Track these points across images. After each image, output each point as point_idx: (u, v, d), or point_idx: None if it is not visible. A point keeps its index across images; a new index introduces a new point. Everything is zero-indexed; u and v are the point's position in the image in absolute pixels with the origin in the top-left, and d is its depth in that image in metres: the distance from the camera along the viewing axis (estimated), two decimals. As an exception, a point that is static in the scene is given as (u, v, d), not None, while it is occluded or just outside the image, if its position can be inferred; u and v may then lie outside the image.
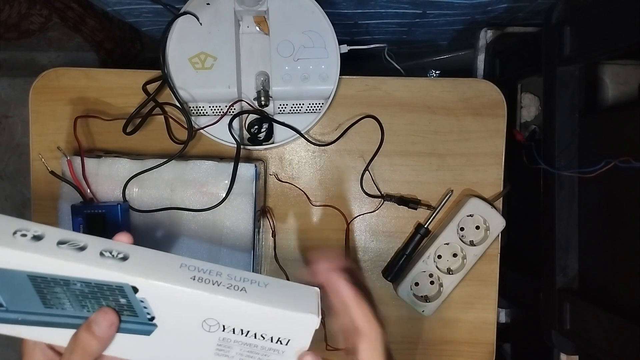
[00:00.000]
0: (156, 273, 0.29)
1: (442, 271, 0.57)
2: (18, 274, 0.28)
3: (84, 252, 0.29)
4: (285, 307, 0.29)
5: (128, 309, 0.30)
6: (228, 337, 0.30)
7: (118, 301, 0.29)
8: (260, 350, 0.31)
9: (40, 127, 0.57)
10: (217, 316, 0.29)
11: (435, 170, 0.58)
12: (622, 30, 0.44)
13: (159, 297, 0.29)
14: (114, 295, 0.29)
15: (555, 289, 0.54)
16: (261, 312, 0.29)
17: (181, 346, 0.31)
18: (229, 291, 0.29)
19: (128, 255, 0.29)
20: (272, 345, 0.31)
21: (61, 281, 0.28)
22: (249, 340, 0.30)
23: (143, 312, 0.30)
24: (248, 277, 0.31)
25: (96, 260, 0.28)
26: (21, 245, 0.28)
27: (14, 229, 0.29)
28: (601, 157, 0.47)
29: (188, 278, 0.29)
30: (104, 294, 0.29)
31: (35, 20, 0.84)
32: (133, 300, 0.29)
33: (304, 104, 0.55)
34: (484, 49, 0.71)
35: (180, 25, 0.52)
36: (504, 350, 0.74)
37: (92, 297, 0.29)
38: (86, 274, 0.28)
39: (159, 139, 0.57)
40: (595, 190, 0.51)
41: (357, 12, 0.67)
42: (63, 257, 0.28)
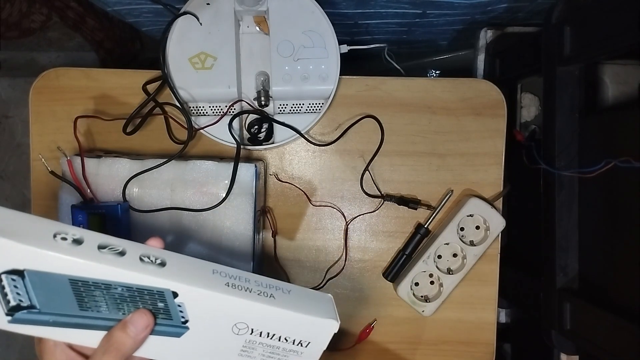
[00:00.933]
0: (195, 279, 0.30)
1: (442, 271, 0.56)
2: (59, 277, 0.28)
3: (124, 257, 0.29)
4: (310, 313, 0.32)
5: (164, 313, 0.31)
6: (254, 340, 0.32)
7: (156, 305, 0.31)
8: (282, 351, 0.33)
9: (40, 127, 0.58)
10: (247, 320, 0.32)
11: (435, 170, 0.58)
12: (622, 30, 0.44)
13: (196, 302, 0.31)
14: (153, 299, 0.30)
15: (555, 289, 0.54)
16: (289, 317, 0.32)
17: (208, 348, 0.33)
18: (260, 297, 0.31)
19: (165, 261, 0.30)
20: (293, 347, 0.33)
21: (102, 285, 0.29)
22: (272, 342, 0.33)
23: (178, 315, 0.31)
24: (272, 284, 0.33)
25: (138, 266, 0.29)
26: (64, 249, 0.28)
27: (53, 232, 0.29)
28: (601, 157, 0.47)
29: (223, 284, 0.31)
30: (144, 298, 0.30)
31: (36, 18, 0.84)
32: (171, 304, 0.30)
33: (304, 104, 0.55)
34: (484, 49, 0.71)
35: (180, 25, 0.52)
36: (504, 351, 0.74)
37: (130, 301, 0.30)
38: (130, 280, 0.29)
39: (159, 139, 0.57)
40: (595, 190, 0.51)
41: (357, 12, 0.67)
42: (107, 262, 0.29)
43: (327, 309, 0.33)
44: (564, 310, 0.52)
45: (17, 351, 1.21)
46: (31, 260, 0.28)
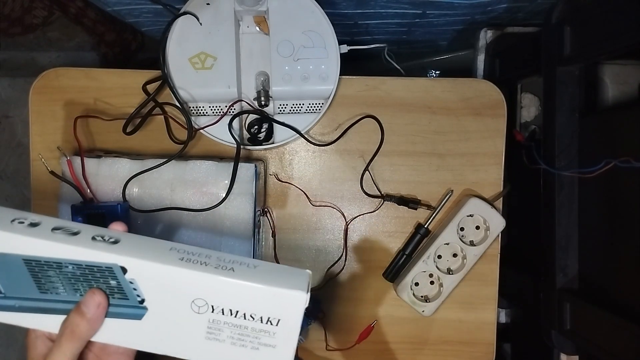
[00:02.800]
0: (144, 254, 0.29)
1: (442, 271, 0.56)
2: (14, 258, 0.29)
3: (76, 237, 0.30)
4: (272, 284, 0.29)
5: (119, 292, 0.30)
6: (218, 319, 0.30)
7: (109, 283, 0.30)
8: (251, 332, 0.31)
9: (40, 127, 0.58)
10: (205, 295, 0.30)
11: (435, 170, 0.58)
12: (622, 30, 0.44)
13: (147, 278, 0.30)
14: (104, 277, 0.30)
15: (555, 289, 0.54)
16: (248, 290, 0.29)
17: (172, 331, 0.31)
18: (217, 270, 0.29)
19: (119, 240, 0.30)
20: (262, 327, 0.30)
21: (54, 264, 0.29)
22: (238, 321, 0.30)
23: (133, 294, 0.30)
24: (237, 260, 0.31)
25: (87, 243, 0.29)
26: (17, 230, 0.29)
27: (13, 217, 0.30)
28: (601, 157, 0.47)
29: (176, 259, 0.29)
30: (95, 275, 0.30)
31: (38, 14, 0.83)
32: (122, 281, 0.30)
33: (304, 104, 0.55)
34: (484, 49, 0.71)
35: (180, 25, 0.52)
36: (504, 351, 0.74)
37: (83, 279, 0.30)
38: (77, 256, 0.29)
39: (159, 139, 0.57)
40: (595, 190, 0.51)
41: (357, 12, 0.67)
42: (55, 240, 0.29)
43: (296, 281, 0.30)
44: (563, 310, 0.52)
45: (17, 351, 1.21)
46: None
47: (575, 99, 0.52)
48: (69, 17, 0.85)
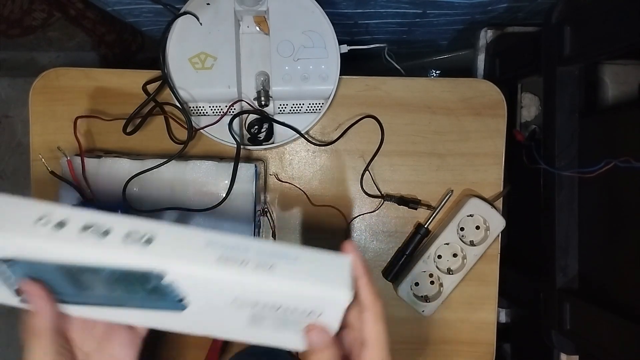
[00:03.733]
0: (181, 256, 0.28)
1: (442, 271, 0.56)
2: (48, 264, 0.28)
3: (107, 238, 0.28)
4: (315, 284, 0.28)
5: (156, 293, 0.29)
6: (259, 313, 0.30)
7: (146, 286, 0.29)
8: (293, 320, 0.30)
9: (40, 127, 0.57)
10: (245, 296, 0.29)
11: (435, 170, 0.58)
12: (622, 30, 0.44)
13: (186, 280, 0.28)
14: (141, 281, 0.28)
15: (555, 289, 0.54)
16: (290, 290, 0.28)
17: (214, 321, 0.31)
18: (256, 270, 0.28)
19: (153, 238, 0.28)
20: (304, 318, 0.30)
21: (90, 269, 0.28)
22: (280, 314, 0.30)
23: (171, 295, 0.29)
24: (277, 251, 0.29)
25: (120, 247, 0.28)
26: (44, 235, 0.27)
27: (37, 216, 0.28)
28: (601, 157, 0.47)
29: (214, 259, 0.28)
30: (131, 280, 0.28)
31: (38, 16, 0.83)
32: (159, 285, 0.28)
33: (304, 104, 0.55)
34: (484, 49, 0.71)
35: (180, 25, 0.52)
36: (504, 350, 0.74)
37: (120, 282, 0.29)
38: (112, 263, 0.28)
39: (159, 139, 0.57)
40: (595, 190, 0.51)
41: (357, 12, 0.67)
42: (86, 245, 0.27)
43: (339, 276, 0.29)
44: (563, 310, 0.52)
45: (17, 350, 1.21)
46: (16, 249, 0.27)
47: (575, 98, 0.52)
48: (69, 19, 0.85)
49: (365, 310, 0.31)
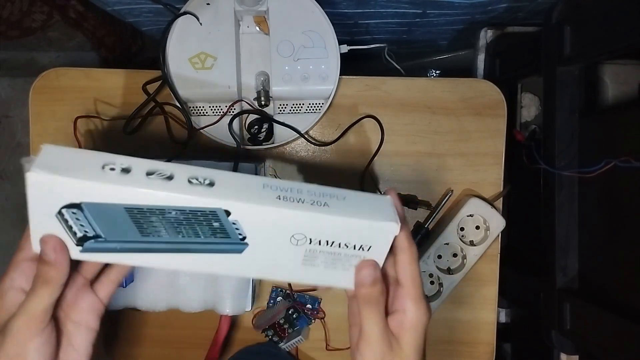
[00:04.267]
0: (245, 196, 0.30)
1: (442, 271, 0.56)
2: (115, 207, 0.29)
3: (173, 181, 0.30)
4: (367, 218, 0.31)
5: (221, 232, 0.31)
6: (314, 249, 0.32)
7: (211, 225, 0.31)
8: (344, 257, 0.33)
9: (40, 127, 0.57)
10: (304, 231, 0.31)
11: (435, 170, 0.58)
12: (622, 30, 0.44)
13: (250, 218, 0.31)
14: (207, 220, 0.31)
15: (555, 289, 0.54)
16: (345, 224, 0.31)
17: (271, 261, 0.33)
18: (314, 207, 0.31)
19: (214, 181, 0.31)
20: (354, 252, 0.33)
21: (157, 211, 0.30)
22: (333, 249, 0.33)
23: (235, 233, 0.31)
24: (326, 192, 0.32)
25: (187, 188, 0.30)
26: (113, 179, 0.29)
27: (102, 163, 0.29)
28: (601, 157, 0.47)
29: (274, 198, 0.31)
30: (198, 219, 0.31)
31: (37, 17, 0.84)
32: (226, 223, 0.31)
33: (304, 104, 0.55)
34: (484, 49, 0.71)
35: (180, 25, 0.52)
36: (504, 351, 0.74)
37: (186, 223, 0.31)
38: (181, 203, 0.30)
39: (159, 139, 0.57)
40: (595, 190, 0.51)
41: (357, 12, 0.67)
42: (153, 187, 0.29)
43: (386, 212, 0.32)
44: (563, 310, 0.52)
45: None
46: (85, 193, 0.29)
47: (575, 98, 0.52)
48: (69, 22, 0.85)
49: (401, 253, 0.34)
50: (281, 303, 0.58)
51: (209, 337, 0.54)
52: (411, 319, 0.34)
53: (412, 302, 0.34)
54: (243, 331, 0.58)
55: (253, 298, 0.52)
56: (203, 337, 0.56)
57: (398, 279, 0.34)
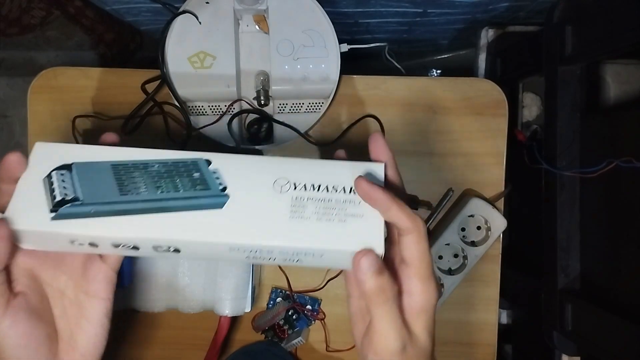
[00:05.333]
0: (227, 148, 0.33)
1: (443, 272, 0.56)
2: (103, 165, 0.32)
3: None
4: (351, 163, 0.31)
5: (201, 183, 0.32)
6: (300, 196, 0.31)
7: (192, 176, 0.32)
8: (336, 204, 0.31)
9: (38, 126, 0.57)
10: (286, 174, 0.31)
11: (435, 170, 0.58)
12: (623, 29, 0.44)
13: (230, 166, 0.32)
14: (188, 170, 0.32)
15: (556, 290, 0.53)
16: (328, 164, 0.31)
17: (254, 216, 0.31)
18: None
19: None
20: (347, 197, 0.31)
21: (141, 165, 0.32)
22: (321, 195, 0.31)
23: (215, 183, 0.32)
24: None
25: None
26: None
27: None
28: (603, 157, 0.47)
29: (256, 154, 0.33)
30: (179, 170, 0.32)
31: (36, 14, 0.83)
32: (206, 172, 0.32)
33: (304, 104, 0.55)
34: (485, 48, 0.71)
35: (179, 24, 0.52)
36: (505, 352, 0.74)
37: (167, 176, 0.32)
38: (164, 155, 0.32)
39: (157, 139, 0.56)
40: (597, 190, 0.51)
41: (357, 11, 0.67)
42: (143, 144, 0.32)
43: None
44: (565, 311, 0.52)
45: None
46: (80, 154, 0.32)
47: (576, 98, 0.52)
48: (68, 17, 0.85)
49: (407, 233, 0.30)
50: (281, 304, 0.57)
51: (208, 338, 0.53)
52: (421, 302, 0.30)
53: (421, 283, 0.30)
54: (242, 332, 0.58)
55: (252, 299, 0.52)
56: (202, 338, 0.56)
57: (403, 256, 0.31)
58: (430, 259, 0.31)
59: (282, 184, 0.31)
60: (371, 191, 0.30)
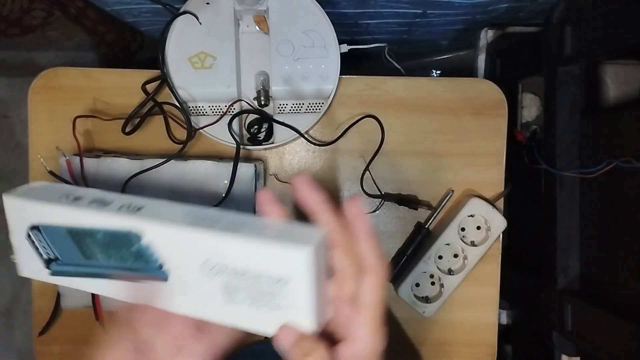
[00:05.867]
0: (156, 218, 0.30)
1: (443, 272, 0.56)
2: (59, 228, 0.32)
3: (106, 207, 0.31)
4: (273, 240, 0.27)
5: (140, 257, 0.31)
6: (232, 281, 0.29)
7: (131, 249, 0.31)
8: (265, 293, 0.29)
9: (39, 127, 0.57)
10: (212, 256, 0.29)
11: (435, 170, 0.58)
12: (622, 30, 0.44)
13: (160, 242, 0.30)
14: (127, 243, 0.31)
15: (556, 290, 0.53)
16: (248, 247, 0.28)
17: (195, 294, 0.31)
18: (221, 230, 0.28)
19: (142, 207, 0.31)
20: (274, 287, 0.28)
21: (88, 232, 0.31)
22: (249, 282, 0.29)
23: (152, 258, 0.31)
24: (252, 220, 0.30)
25: (111, 212, 0.31)
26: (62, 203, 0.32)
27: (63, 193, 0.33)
28: (602, 158, 0.47)
29: (186, 223, 0.29)
30: (120, 241, 0.31)
31: (37, 15, 0.83)
32: (140, 246, 0.31)
33: (304, 104, 0.55)
34: (485, 49, 0.71)
35: (179, 25, 0.52)
36: (505, 352, 0.74)
37: (112, 245, 0.31)
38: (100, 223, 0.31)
39: (158, 139, 0.57)
40: (596, 191, 0.51)
41: (357, 12, 0.67)
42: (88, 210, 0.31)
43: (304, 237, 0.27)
44: (565, 311, 0.52)
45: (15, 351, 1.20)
46: (39, 214, 0.32)
47: (576, 98, 0.52)
48: (69, 18, 0.85)
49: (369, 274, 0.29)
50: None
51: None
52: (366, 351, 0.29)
53: (370, 331, 0.29)
54: (242, 332, 0.58)
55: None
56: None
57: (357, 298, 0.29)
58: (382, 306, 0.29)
59: (211, 266, 0.29)
60: (358, 222, 0.29)
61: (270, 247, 0.27)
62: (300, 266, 0.27)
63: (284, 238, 0.28)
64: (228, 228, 0.29)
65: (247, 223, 0.29)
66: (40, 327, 0.57)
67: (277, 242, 0.27)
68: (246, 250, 0.28)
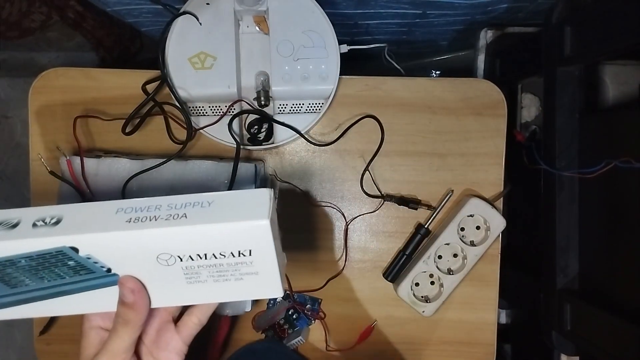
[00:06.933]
0: (89, 227, 0.28)
1: (442, 271, 0.56)
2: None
3: (16, 229, 0.28)
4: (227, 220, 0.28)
5: (82, 269, 0.29)
6: (190, 265, 0.29)
7: (67, 264, 0.29)
8: (228, 267, 0.30)
9: (39, 127, 0.57)
10: (166, 249, 0.29)
11: (435, 170, 0.58)
12: (622, 30, 0.44)
13: (102, 249, 0.28)
14: (61, 260, 0.29)
15: (555, 290, 0.54)
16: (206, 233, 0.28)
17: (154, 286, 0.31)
18: (167, 222, 0.28)
19: (61, 217, 0.28)
20: (237, 260, 0.29)
21: (7, 262, 0.28)
22: (211, 262, 0.29)
23: (96, 267, 0.29)
24: (190, 201, 0.29)
25: (28, 233, 0.28)
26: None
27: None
28: (601, 158, 0.47)
29: (123, 222, 0.28)
30: (51, 262, 0.29)
31: (36, 18, 0.83)
32: (79, 259, 0.29)
33: (304, 104, 0.55)
34: (484, 49, 0.71)
35: (179, 25, 0.52)
36: (505, 351, 0.74)
37: (42, 267, 0.29)
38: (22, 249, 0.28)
39: (158, 139, 0.57)
40: (595, 191, 0.51)
41: (357, 12, 0.67)
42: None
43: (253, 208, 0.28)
44: (564, 311, 0.52)
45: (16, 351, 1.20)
46: None
47: (575, 99, 0.52)
48: (68, 22, 0.85)
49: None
50: (281, 303, 0.58)
51: (209, 338, 0.54)
52: None
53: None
54: (243, 332, 0.58)
55: (253, 298, 0.52)
56: (202, 338, 0.56)
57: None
58: None
59: (166, 258, 0.29)
60: None
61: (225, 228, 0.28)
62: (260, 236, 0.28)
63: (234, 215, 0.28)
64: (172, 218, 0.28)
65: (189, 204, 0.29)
66: (40, 327, 0.57)
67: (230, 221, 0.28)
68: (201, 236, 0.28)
